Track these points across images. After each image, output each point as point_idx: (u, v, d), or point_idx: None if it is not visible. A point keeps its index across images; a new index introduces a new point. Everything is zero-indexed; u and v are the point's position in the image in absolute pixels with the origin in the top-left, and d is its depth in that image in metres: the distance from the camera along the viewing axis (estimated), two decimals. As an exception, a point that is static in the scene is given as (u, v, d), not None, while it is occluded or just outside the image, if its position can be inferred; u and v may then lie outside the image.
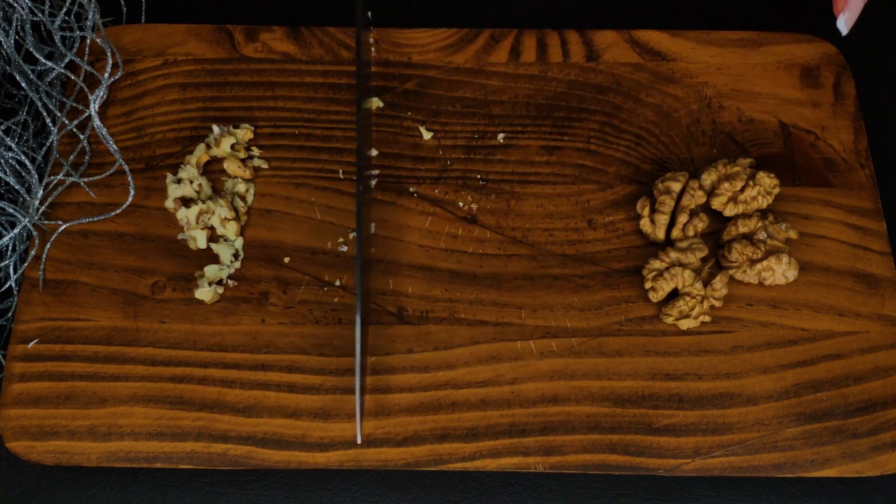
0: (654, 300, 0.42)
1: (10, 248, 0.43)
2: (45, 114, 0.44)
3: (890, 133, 0.49)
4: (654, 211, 0.43)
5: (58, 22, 0.45)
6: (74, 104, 0.46)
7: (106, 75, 0.44)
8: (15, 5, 0.43)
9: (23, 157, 0.43)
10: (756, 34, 0.49)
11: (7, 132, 0.45)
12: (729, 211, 0.43)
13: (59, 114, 0.45)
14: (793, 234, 0.43)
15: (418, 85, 0.47)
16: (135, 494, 0.41)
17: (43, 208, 0.44)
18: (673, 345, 0.41)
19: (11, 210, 0.42)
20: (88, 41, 0.46)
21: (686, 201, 0.43)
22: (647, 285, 0.42)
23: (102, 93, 0.44)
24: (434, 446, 0.40)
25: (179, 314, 0.42)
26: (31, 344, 0.41)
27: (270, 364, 0.41)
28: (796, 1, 0.53)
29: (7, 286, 0.44)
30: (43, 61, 0.44)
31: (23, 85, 0.44)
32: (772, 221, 0.43)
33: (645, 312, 0.42)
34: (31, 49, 0.44)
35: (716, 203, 0.43)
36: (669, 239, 0.43)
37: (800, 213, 0.44)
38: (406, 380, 0.41)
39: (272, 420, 0.40)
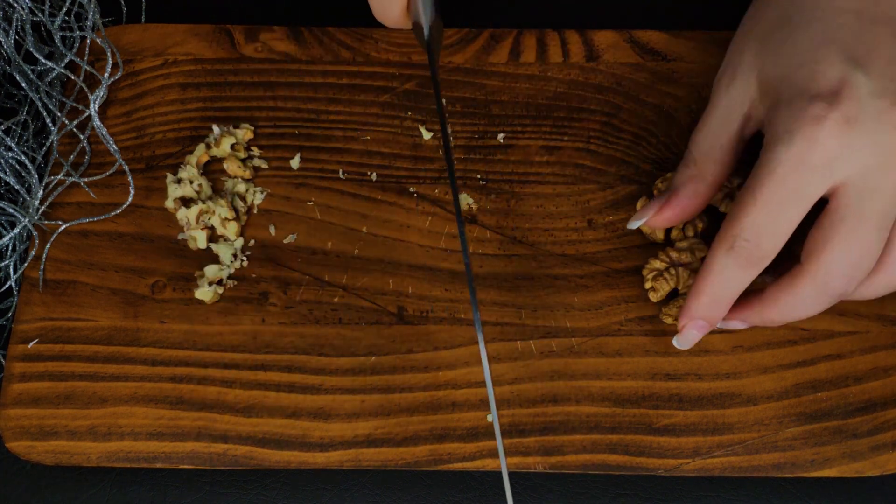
0: (654, 300, 0.42)
1: (10, 248, 0.43)
2: (45, 114, 0.44)
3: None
4: (654, 211, 0.43)
5: (58, 22, 0.45)
6: (74, 104, 0.46)
7: (106, 75, 0.44)
8: (15, 5, 0.43)
9: (23, 157, 0.43)
10: (756, 34, 0.49)
11: (7, 132, 0.45)
12: (725, 207, 0.43)
13: (59, 114, 0.45)
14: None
15: (418, 85, 0.47)
16: (135, 494, 0.41)
17: (43, 208, 0.44)
18: (673, 345, 0.41)
19: (11, 210, 0.42)
20: (88, 41, 0.46)
21: (686, 201, 0.43)
22: (647, 285, 0.42)
23: (102, 93, 0.44)
24: (434, 446, 0.40)
25: (179, 314, 0.42)
26: (31, 344, 0.41)
27: (270, 364, 0.41)
28: (796, 1, 0.53)
29: (7, 286, 0.44)
30: (43, 61, 0.44)
31: (23, 85, 0.44)
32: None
33: (645, 312, 0.42)
34: (31, 49, 0.44)
35: (713, 199, 0.43)
36: (669, 239, 0.43)
37: (800, 213, 0.44)
38: (406, 380, 0.41)
39: (272, 420, 0.40)
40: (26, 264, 0.43)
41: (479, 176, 0.45)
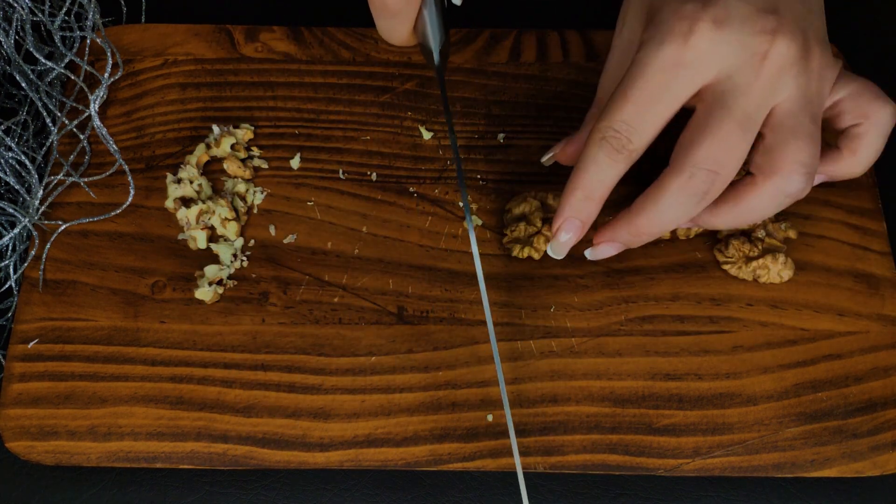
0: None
1: (10, 248, 0.43)
2: (45, 114, 0.44)
3: (890, 133, 0.49)
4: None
5: (58, 22, 0.45)
6: (74, 104, 0.46)
7: (106, 75, 0.44)
8: (15, 5, 0.43)
9: (23, 157, 0.43)
10: (756, 34, 0.49)
11: (7, 132, 0.45)
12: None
13: (59, 114, 0.45)
14: (792, 234, 0.43)
15: (418, 85, 0.47)
16: (135, 494, 0.41)
17: (43, 208, 0.44)
18: (673, 345, 0.41)
19: (11, 210, 0.42)
20: (88, 41, 0.46)
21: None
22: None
23: (102, 93, 0.44)
24: (434, 446, 0.40)
25: (179, 314, 0.42)
26: (31, 344, 0.41)
27: (270, 364, 0.41)
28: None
29: (7, 286, 0.44)
30: (43, 61, 0.44)
31: (23, 85, 0.44)
32: (772, 220, 0.43)
33: (645, 312, 0.42)
34: (31, 49, 0.44)
35: None
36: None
37: (800, 213, 0.44)
38: (406, 380, 0.41)
39: (272, 420, 0.40)
40: (26, 264, 0.43)
41: (479, 176, 0.45)
